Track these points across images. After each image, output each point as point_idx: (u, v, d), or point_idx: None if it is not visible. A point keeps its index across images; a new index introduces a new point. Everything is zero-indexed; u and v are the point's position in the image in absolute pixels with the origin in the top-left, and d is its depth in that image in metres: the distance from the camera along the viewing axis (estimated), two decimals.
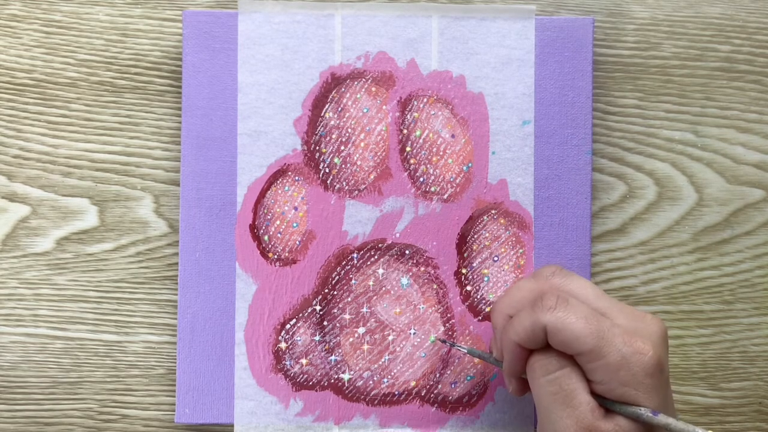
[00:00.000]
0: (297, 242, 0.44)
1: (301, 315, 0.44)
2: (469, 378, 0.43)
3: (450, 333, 0.44)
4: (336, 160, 0.44)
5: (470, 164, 0.44)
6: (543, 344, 0.35)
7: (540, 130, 0.44)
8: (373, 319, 0.44)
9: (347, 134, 0.44)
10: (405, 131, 0.44)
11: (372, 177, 0.44)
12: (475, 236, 0.44)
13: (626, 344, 0.34)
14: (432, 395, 0.43)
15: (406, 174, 0.44)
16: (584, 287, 0.37)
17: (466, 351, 0.42)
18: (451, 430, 0.43)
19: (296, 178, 0.44)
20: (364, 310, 0.44)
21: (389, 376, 0.43)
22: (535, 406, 0.37)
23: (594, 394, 0.35)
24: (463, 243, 0.44)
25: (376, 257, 0.44)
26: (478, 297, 0.44)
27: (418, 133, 0.44)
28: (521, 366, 0.37)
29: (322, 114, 0.44)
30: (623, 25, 0.45)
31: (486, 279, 0.44)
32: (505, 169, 0.44)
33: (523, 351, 0.36)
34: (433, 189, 0.44)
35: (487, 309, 0.44)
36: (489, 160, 0.44)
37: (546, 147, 0.44)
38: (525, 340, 0.35)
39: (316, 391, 0.43)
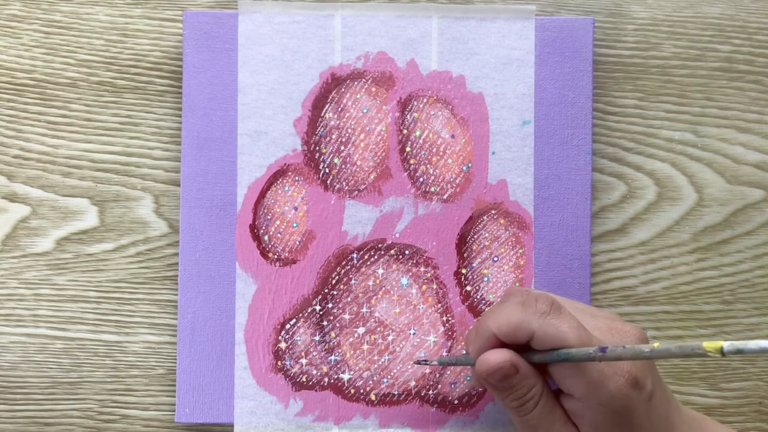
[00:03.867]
0: (297, 242, 0.44)
1: (301, 315, 0.44)
2: (468, 378, 0.43)
3: (450, 333, 0.44)
4: (336, 160, 0.44)
5: (470, 164, 0.44)
6: (521, 343, 0.35)
7: (540, 130, 0.44)
8: (372, 319, 0.44)
9: (347, 134, 0.44)
10: (405, 131, 0.44)
11: (372, 177, 0.44)
12: (475, 236, 0.44)
13: (607, 363, 0.34)
14: (432, 395, 0.43)
15: (405, 174, 0.44)
16: (557, 298, 0.38)
17: (437, 363, 0.41)
18: (450, 430, 0.43)
19: (296, 178, 0.44)
20: (364, 310, 0.44)
21: (389, 376, 0.43)
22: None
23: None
24: (462, 243, 0.44)
25: (375, 257, 0.44)
26: (478, 297, 0.44)
27: (418, 133, 0.44)
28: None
29: (322, 114, 0.44)
30: (623, 25, 0.45)
31: (486, 279, 0.44)
32: (505, 169, 0.44)
33: (498, 341, 0.35)
34: (432, 189, 0.44)
35: (487, 309, 0.44)
36: (489, 161, 0.44)
37: (546, 147, 0.44)
38: (506, 335, 0.35)
39: (316, 391, 0.43)
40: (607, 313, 0.38)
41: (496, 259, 0.44)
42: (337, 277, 0.44)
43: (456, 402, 0.43)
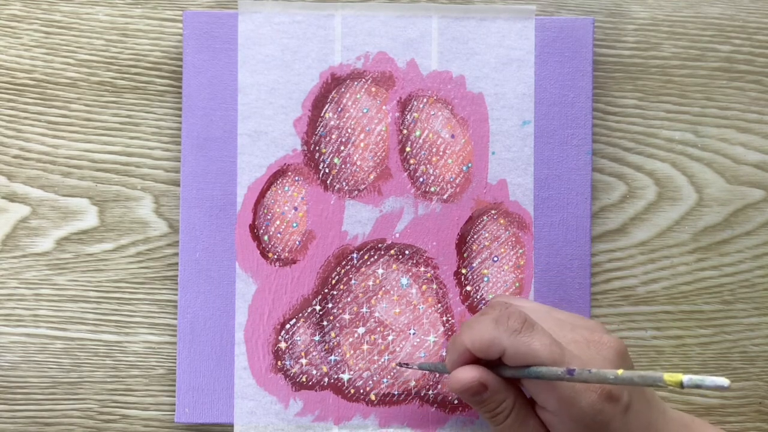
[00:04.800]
0: (297, 242, 0.44)
1: (300, 315, 0.44)
2: None
3: (449, 333, 0.44)
4: (336, 160, 0.44)
5: (470, 164, 0.44)
6: (494, 358, 0.36)
7: (540, 130, 0.44)
8: (372, 319, 0.44)
9: (347, 134, 0.44)
10: (405, 131, 0.44)
11: (372, 177, 0.44)
12: (475, 236, 0.44)
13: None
14: (432, 395, 0.43)
15: (405, 174, 0.44)
16: (538, 310, 0.38)
17: (416, 368, 0.42)
18: (450, 430, 0.43)
19: (296, 178, 0.44)
20: (364, 310, 0.44)
21: (389, 376, 0.43)
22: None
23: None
24: (462, 243, 0.44)
25: (375, 257, 0.44)
26: (478, 297, 0.44)
27: (417, 133, 0.44)
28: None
29: (322, 114, 0.44)
30: (623, 25, 0.45)
31: (486, 279, 0.44)
32: (505, 169, 0.44)
33: (471, 356, 0.36)
34: (432, 189, 0.44)
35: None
36: (489, 161, 0.44)
37: (546, 147, 0.44)
38: (478, 350, 0.35)
39: (316, 391, 0.43)
40: (589, 322, 0.38)
41: (496, 259, 0.44)
42: (337, 277, 0.44)
43: (456, 402, 0.43)
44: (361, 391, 0.43)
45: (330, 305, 0.44)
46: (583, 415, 0.34)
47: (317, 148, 0.44)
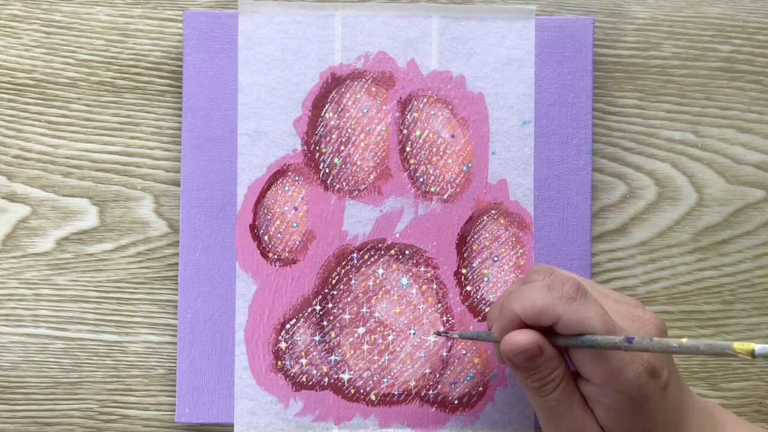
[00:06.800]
0: (297, 242, 0.44)
1: (301, 315, 0.44)
2: (469, 378, 0.43)
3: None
4: (336, 160, 0.44)
5: (470, 164, 0.44)
6: (546, 326, 0.35)
7: (540, 130, 0.44)
8: (372, 319, 0.44)
9: (347, 134, 0.44)
10: (405, 131, 0.44)
11: (372, 177, 0.44)
12: (475, 236, 0.44)
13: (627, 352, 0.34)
14: (432, 395, 0.43)
15: (406, 174, 0.44)
16: (581, 280, 0.37)
17: (457, 336, 0.41)
18: (450, 430, 0.43)
19: (296, 178, 0.44)
20: (364, 310, 0.44)
21: (389, 376, 0.43)
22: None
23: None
24: (463, 243, 0.44)
25: (375, 257, 0.44)
26: (478, 297, 0.44)
27: (418, 133, 0.44)
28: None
29: (322, 114, 0.44)
30: (623, 25, 0.45)
31: (486, 279, 0.44)
32: (505, 169, 0.44)
33: (521, 323, 0.35)
34: (433, 189, 0.44)
35: (487, 309, 0.44)
36: (489, 161, 0.44)
37: (546, 147, 0.44)
38: (530, 318, 0.34)
39: (316, 391, 0.43)
40: (629, 298, 0.38)
41: (496, 259, 0.44)
42: (337, 277, 0.44)
43: (456, 402, 0.43)
44: (362, 391, 0.43)
45: (330, 305, 0.44)
46: (630, 386, 0.34)
47: (317, 148, 0.44)
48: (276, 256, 0.44)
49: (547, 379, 0.35)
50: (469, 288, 0.44)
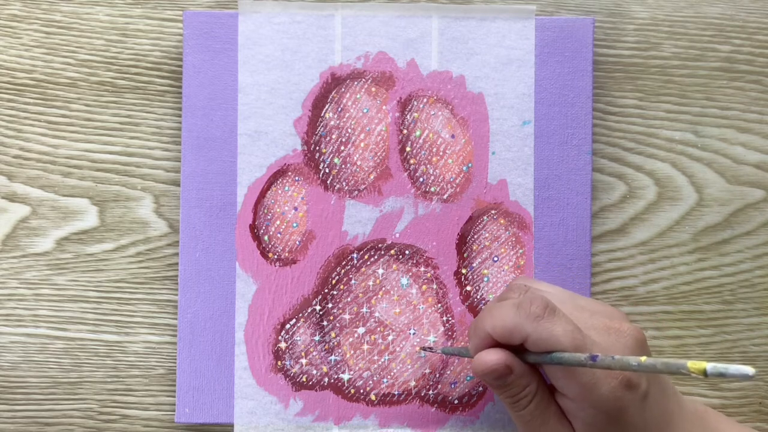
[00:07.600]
0: (297, 242, 0.44)
1: (301, 315, 0.44)
2: (469, 378, 0.43)
3: (450, 333, 0.44)
4: (336, 160, 0.44)
5: (470, 164, 0.44)
6: (516, 344, 0.35)
7: (540, 130, 0.44)
8: (372, 319, 0.44)
9: (347, 134, 0.44)
10: (405, 131, 0.44)
11: (372, 177, 0.44)
12: (475, 236, 0.44)
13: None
14: (432, 395, 0.43)
15: (405, 174, 0.44)
16: (557, 295, 0.38)
17: (440, 352, 0.42)
18: (450, 430, 0.43)
19: (296, 178, 0.44)
20: (364, 310, 0.44)
21: (389, 376, 0.43)
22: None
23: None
24: (462, 243, 0.44)
25: (375, 257, 0.44)
26: (478, 297, 0.44)
27: (418, 133, 0.44)
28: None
29: (322, 114, 0.44)
30: (623, 25, 0.45)
31: (486, 279, 0.44)
32: (505, 169, 0.44)
33: (493, 341, 0.36)
34: (432, 189, 0.44)
35: (486, 305, 0.44)
36: (489, 161, 0.44)
37: (546, 147, 0.44)
38: (500, 336, 0.35)
39: (316, 391, 0.43)
40: (611, 310, 0.38)
41: (496, 259, 0.44)
42: (337, 277, 0.44)
43: (456, 402, 0.43)
44: (361, 391, 0.43)
45: (330, 305, 0.44)
46: (603, 401, 0.34)
47: (317, 148, 0.44)
48: (276, 256, 0.44)
49: (519, 395, 0.36)
50: (469, 288, 0.44)
